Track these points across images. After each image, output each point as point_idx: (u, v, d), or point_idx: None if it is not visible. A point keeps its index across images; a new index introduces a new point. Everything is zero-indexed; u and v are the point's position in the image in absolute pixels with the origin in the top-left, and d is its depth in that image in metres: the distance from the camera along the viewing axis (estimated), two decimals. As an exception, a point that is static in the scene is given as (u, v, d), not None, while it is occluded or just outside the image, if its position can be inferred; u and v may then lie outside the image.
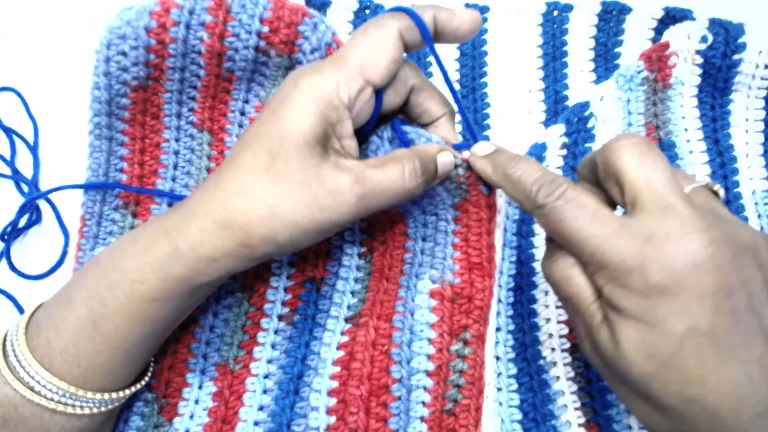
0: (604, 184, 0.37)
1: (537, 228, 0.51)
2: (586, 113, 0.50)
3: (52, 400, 0.38)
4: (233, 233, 0.38)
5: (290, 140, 0.38)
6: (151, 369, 0.46)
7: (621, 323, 0.33)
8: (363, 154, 0.46)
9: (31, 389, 0.38)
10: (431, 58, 0.58)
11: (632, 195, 0.35)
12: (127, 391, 0.42)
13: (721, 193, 0.37)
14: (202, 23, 0.45)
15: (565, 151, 0.50)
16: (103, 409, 0.41)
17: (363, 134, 0.45)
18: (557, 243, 0.37)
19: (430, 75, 0.58)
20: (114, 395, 0.41)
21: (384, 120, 0.46)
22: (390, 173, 0.40)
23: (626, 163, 0.35)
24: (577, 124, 0.50)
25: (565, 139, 0.50)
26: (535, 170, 0.38)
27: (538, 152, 0.50)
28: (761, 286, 0.33)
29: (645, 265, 0.32)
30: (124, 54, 0.46)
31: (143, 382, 0.44)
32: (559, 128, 0.50)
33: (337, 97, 0.39)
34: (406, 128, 0.43)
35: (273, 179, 0.38)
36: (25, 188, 0.55)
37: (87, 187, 0.50)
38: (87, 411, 0.40)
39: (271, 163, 0.39)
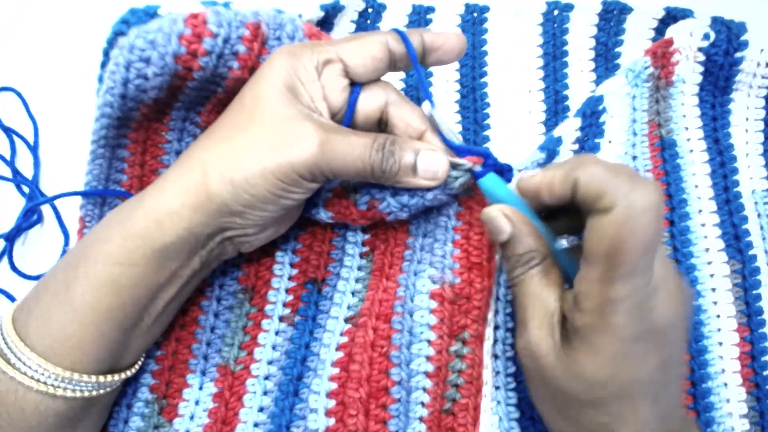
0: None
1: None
2: (600, 107, 0.50)
3: (25, 374, 0.38)
4: (190, 171, 0.39)
5: (263, 90, 0.40)
6: (136, 367, 0.45)
7: (581, 349, 0.36)
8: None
9: (7, 361, 0.39)
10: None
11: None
12: (101, 378, 0.41)
13: None
14: (235, 53, 0.43)
15: (577, 146, 0.50)
16: (77, 393, 0.40)
17: None
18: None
19: (430, 75, 0.58)
20: (86, 377, 0.40)
21: None
22: (358, 140, 0.40)
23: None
24: (590, 118, 0.50)
25: (578, 134, 0.50)
26: (603, 169, 0.35)
27: (552, 146, 0.49)
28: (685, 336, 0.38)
29: (639, 317, 0.34)
30: (145, 78, 0.42)
31: (123, 376, 0.43)
32: (575, 122, 0.50)
33: (308, 58, 0.41)
34: None
35: (240, 121, 0.40)
36: (26, 189, 0.55)
37: (91, 194, 0.50)
38: (60, 392, 0.39)
39: (241, 107, 0.41)
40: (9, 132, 0.56)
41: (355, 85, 0.43)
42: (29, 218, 0.53)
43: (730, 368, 0.49)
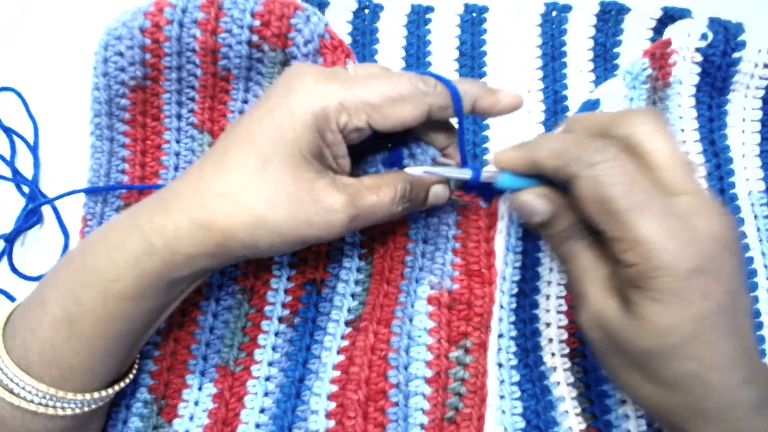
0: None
1: None
2: (597, 111, 0.50)
3: (32, 402, 0.38)
4: (212, 235, 0.37)
5: (285, 149, 0.37)
6: (135, 366, 0.45)
7: (641, 301, 0.34)
8: (357, 166, 0.45)
9: (10, 391, 0.38)
10: (430, 58, 0.58)
11: (659, 175, 0.35)
12: (110, 390, 0.42)
13: (702, 172, 0.40)
14: (195, 20, 0.46)
15: None
16: (86, 409, 0.40)
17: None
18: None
19: (429, 64, 0.58)
20: (96, 395, 0.40)
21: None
22: (383, 198, 0.40)
23: (654, 143, 0.35)
24: None
25: None
26: (580, 133, 0.38)
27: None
28: (744, 268, 0.37)
29: (685, 248, 0.33)
30: (120, 54, 0.47)
31: (127, 381, 0.43)
32: None
33: (335, 123, 0.38)
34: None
35: (262, 185, 0.37)
36: (26, 189, 0.55)
37: (92, 191, 0.51)
38: (69, 412, 0.39)
39: (262, 169, 0.37)
40: (9, 132, 0.56)
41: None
42: (30, 219, 0.53)
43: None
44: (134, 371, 0.45)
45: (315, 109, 0.37)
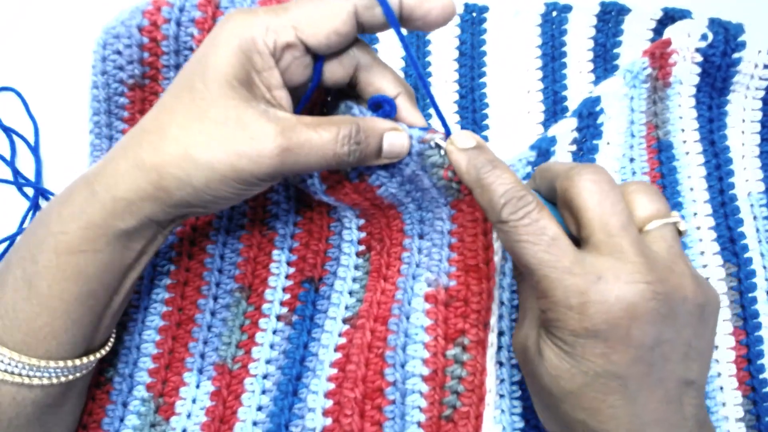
0: (560, 209, 0.38)
1: None
2: (597, 108, 0.50)
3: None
4: (146, 173, 0.37)
5: (211, 78, 0.37)
6: (109, 344, 0.44)
7: (546, 341, 0.36)
8: None
9: None
10: (430, 58, 0.58)
11: (587, 233, 0.35)
12: (77, 362, 0.41)
13: (683, 227, 0.37)
14: (193, 19, 0.46)
15: (574, 147, 0.49)
16: (54, 380, 0.40)
17: (302, 105, 0.42)
18: None
19: (429, 75, 0.58)
20: (62, 363, 0.39)
21: (336, 98, 0.44)
22: (322, 134, 0.38)
23: (586, 200, 0.35)
24: (588, 119, 0.50)
25: (576, 134, 0.49)
26: (508, 181, 0.37)
27: (546, 146, 0.49)
28: (686, 340, 0.35)
29: (586, 308, 0.33)
30: (119, 53, 0.47)
31: (98, 355, 0.43)
32: (571, 122, 0.49)
33: (262, 42, 0.37)
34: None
35: (191, 118, 0.37)
36: (27, 190, 0.55)
37: None
38: (36, 381, 0.39)
39: (191, 101, 0.37)
40: (9, 132, 0.56)
41: (319, 58, 0.40)
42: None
43: (726, 372, 0.49)
44: (108, 347, 0.44)
45: (239, 33, 0.37)
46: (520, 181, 0.37)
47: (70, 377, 0.41)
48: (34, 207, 0.54)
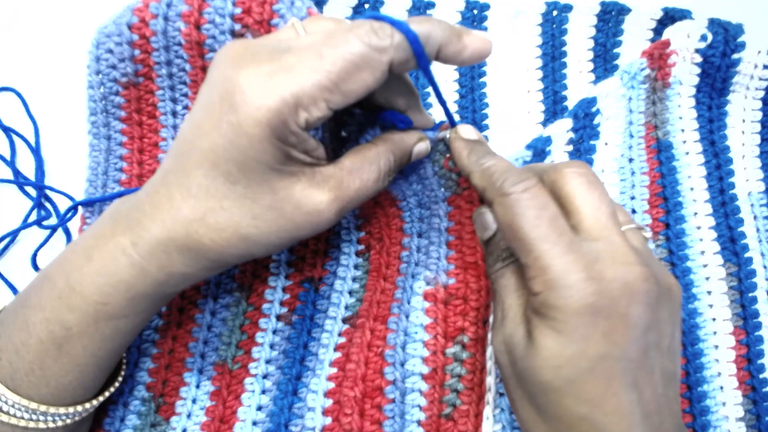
0: None
1: None
2: (593, 109, 0.50)
3: (21, 418, 0.38)
4: (204, 256, 0.37)
5: (250, 167, 0.35)
6: (123, 370, 0.45)
7: (542, 329, 0.34)
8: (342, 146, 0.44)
9: None
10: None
11: (577, 220, 0.35)
12: (101, 398, 0.42)
13: (648, 235, 0.38)
14: (179, 13, 0.46)
15: (570, 147, 0.49)
16: (77, 418, 0.40)
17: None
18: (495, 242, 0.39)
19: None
20: (87, 405, 0.40)
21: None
22: (366, 179, 0.38)
23: (575, 189, 0.35)
24: (584, 120, 0.50)
25: (572, 135, 0.49)
26: (507, 164, 0.37)
27: (541, 145, 0.49)
28: (670, 331, 0.35)
29: (585, 284, 0.32)
30: (110, 51, 0.47)
31: (116, 385, 0.43)
32: (566, 123, 0.49)
33: (295, 125, 0.34)
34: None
35: (239, 206, 0.36)
36: (29, 190, 0.55)
37: (106, 199, 0.50)
38: (60, 423, 0.39)
39: (232, 189, 0.35)
40: (9, 132, 0.56)
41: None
42: (66, 219, 0.53)
43: (726, 371, 0.49)
44: (122, 374, 0.45)
45: (268, 119, 0.33)
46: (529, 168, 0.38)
47: (91, 410, 0.42)
48: (38, 206, 0.54)
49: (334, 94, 0.33)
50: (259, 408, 0.47)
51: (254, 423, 0.46)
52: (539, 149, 0.49)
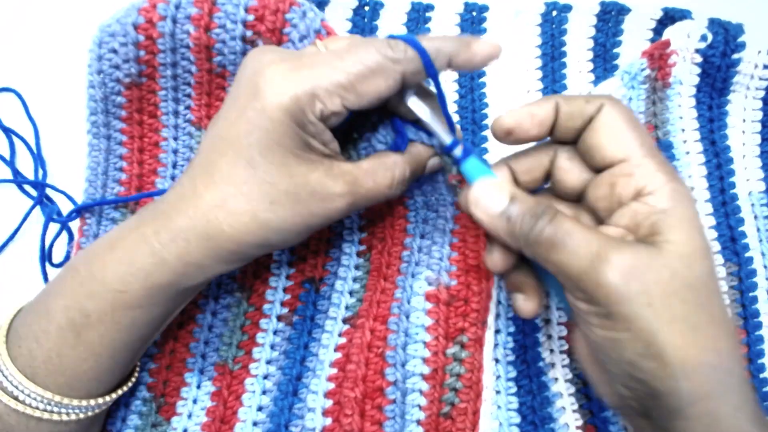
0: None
1: None
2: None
3: (37, 408, 0.38)
4: (222, 243, 0.38)
5: (270, 150, 0.37)
6: (137, 371, 0.45)
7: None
8: (353, 146, 0.44)
9: (15, 398, 0.38)
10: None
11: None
12: (114, 395, 0.42)
13: None
14: (188, 16, 0.45)
15: None
16: (90, 414, 0.41)
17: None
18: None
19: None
20: (101, 400, 0.41)
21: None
22: (380, 182, 0.40)
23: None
24: None
25: None
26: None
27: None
28: None
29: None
30: (114, 51, 0.47)
31: (129, 384, 0.44)
32: None
33: (311, 114, 0.37)
34: (410, 132, 0.42)
35: (257, 190, 0.37)
36: (31, 191, 0.55)
37: (107, 202, 0.50)
38: (74, 417, 0.40)
39: (252, 174, 0.37)
40: (9, 133, 0.56)
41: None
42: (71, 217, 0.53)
43: (726, 370, 0.49)
44: (136, 375, 0.45)
45: (288, 105, 0.36)
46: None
47: (104, 407, 0.42)
48: (39, 203, 0.54)
49: (349, 93, 0.37)
50: (260, 408, 0.47)
51: (255, 423, 0.46)
52: None
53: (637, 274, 0.32)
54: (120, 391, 0.43)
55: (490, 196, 0.38)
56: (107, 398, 0.41)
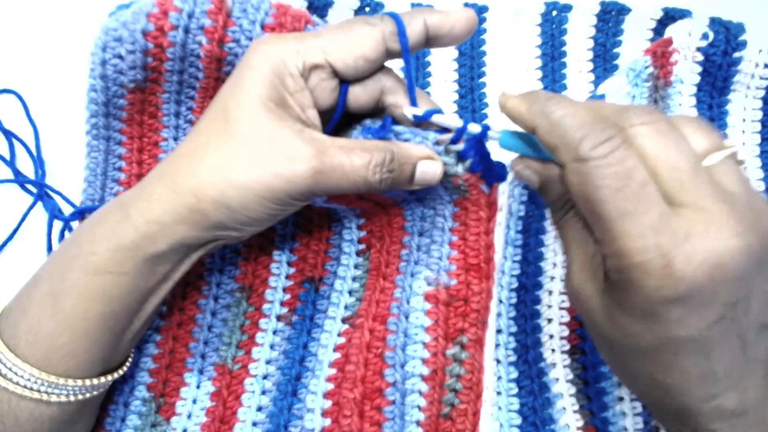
0: None
1: (548, 226, 0.50)
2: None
3: (17, 384, 0.38)
4: (182, 197, 0.38)
5: (245, 100, 0.38)
6: (127, 363, 0.45)
7: (615, 305, 0.32)
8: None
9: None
10: (430, 58, 0.58)
11: (658, 181, 0.30)
12: (95, 381, 0.41)
13: (741, 156, 0.33)
14: (202, 27, 0.44)
15: None
16: (72, 398, 0.40)
17: (329, 130, 0.42)
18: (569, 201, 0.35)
19: (429, 75, 0.58)
20: (80, 382, 0.40)
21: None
22: (354, 160, 0.38)
23: (645, 148, 0.31)
24: None
25: None
26: (582, 113, 0.31)
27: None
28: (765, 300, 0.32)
29: (668, 274, 0.29)
30: (120, 57, 0.45)
31: (116, 375, 0.43)
32: None
33: (293, 64, 0.38)
34: (399, 128, 0.41)
35: (227, 140, 0.38)
36: (32, 189, 0.55)
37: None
38: (54, 398, 0.39)
39: (225, 123, 0.38)
40: (8, 135, 0.56)
41: (344, 84, 0.40)
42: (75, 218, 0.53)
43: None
44: (125, 367, 0.44)
45: (270, 56, 0.38)
46: (596, 113, 0.32)
47: (87, 395, 0.41)
48: (40, 199, 0.54)
49: (332, 50, 0.39)
50: (259, 409, 0.47)
51: (254, 424, 0.46)
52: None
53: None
54: (103, 379, 0.42)
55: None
56: (87, 382, 0.40)
